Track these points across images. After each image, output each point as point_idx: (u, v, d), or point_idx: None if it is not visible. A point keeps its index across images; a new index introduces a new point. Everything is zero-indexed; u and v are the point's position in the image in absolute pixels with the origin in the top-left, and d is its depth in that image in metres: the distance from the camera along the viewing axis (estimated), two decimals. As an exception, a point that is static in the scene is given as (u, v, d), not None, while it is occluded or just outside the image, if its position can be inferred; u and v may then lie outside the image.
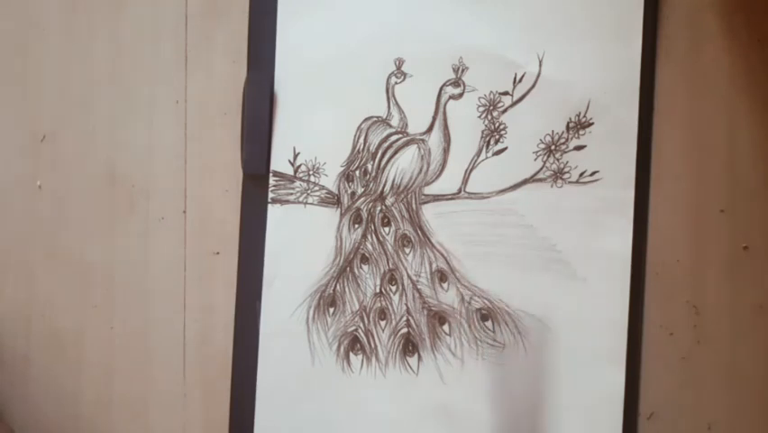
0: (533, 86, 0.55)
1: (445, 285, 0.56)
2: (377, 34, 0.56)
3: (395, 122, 0.56)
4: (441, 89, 0.56)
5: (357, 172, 0.57)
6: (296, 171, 0.57)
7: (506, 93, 0.55)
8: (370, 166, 0.57)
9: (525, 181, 0.55)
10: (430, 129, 0.56)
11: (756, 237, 0.55)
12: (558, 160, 0.55)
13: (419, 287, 0.56)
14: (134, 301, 0.59)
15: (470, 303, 0.56)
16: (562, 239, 0.55)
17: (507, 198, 0.55)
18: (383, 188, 0.57)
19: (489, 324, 0.56)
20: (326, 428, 0.57)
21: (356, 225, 0.57)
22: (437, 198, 0.56)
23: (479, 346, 0.56)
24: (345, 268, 0.57)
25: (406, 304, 0.56)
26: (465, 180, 0.56)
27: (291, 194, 0.57)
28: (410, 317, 0.56)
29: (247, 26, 0.57)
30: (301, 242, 0.57)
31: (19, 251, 0.60)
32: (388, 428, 0.56)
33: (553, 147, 0.55)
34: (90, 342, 0.60)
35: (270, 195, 0.57)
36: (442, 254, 0.56)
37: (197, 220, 0.59)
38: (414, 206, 0.56)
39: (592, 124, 0.55)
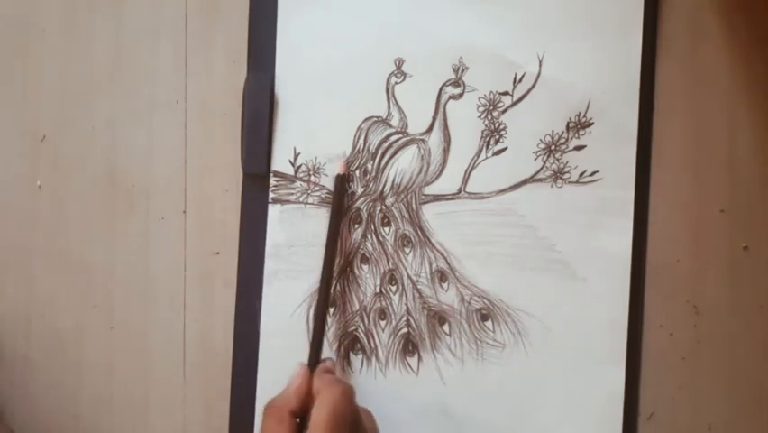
0: (533, 86, 0.55)
1: (445, 285, 0.56)
2: (377, 34, 0.56)
3: (395, 122, 0.56)
4: (441, 89, 0.56)
5: (357, 172, 0.57)
6: (296, 171, 0.57)
7: (506, 93, 0.55)
8: (370, 166, 0.57)
9: (525, 181, 0.55)
10: (430, 129, 0.56)
11: (756, 237, 0.55)
12: (558, 160, 0.55)
13: (419, 287, 0.56)
14: (134, 301, 0.59)
15: (470, 303, 0.56)
16: (562, 239, 0.55)
17: (507, 197, 0.55)
18: (383, 188, 0.57)
19: (489, 324, 0.56)
20: (326, 428, 0.57)
21: (356, 225, 0.57)
22: (437, 198, 0.56)
23: (479, 346, 0.56)
24: (345, 268, 0.57)
25: (406, 304, 0.56)
26: (465, 180, 0.56)
27: (292, 194, 0.57)
28: (410, 317, 0.56)
29: (247, 26, 0.57)
30: (301, 242, 0.57)
31: (19, 251, 0.60)
32: (388, 427, 0.56)
33: (553, 147, 0.55)
34: (90, 342, 0.60)
35: (271, 195, 0.57)
36: (442, 254, 0.56)
37: (197, 220, 0.59)
38: (414, 206, 0.56)
39: (592, 124, 0.55)
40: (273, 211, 0.57)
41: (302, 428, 0.47)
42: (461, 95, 0.56)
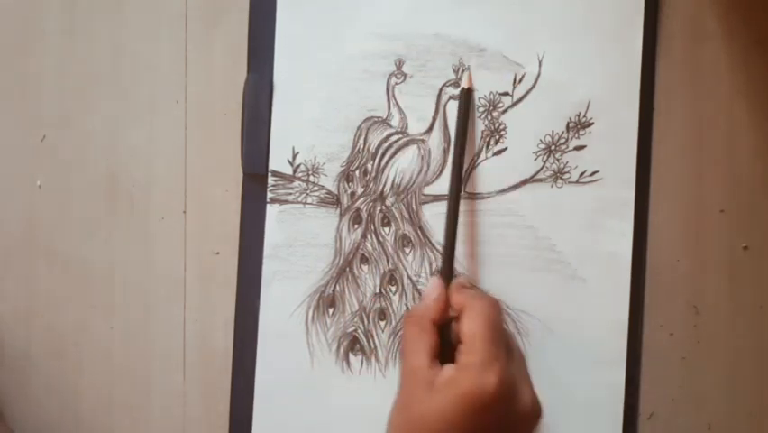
0: (533, 86, 0.55)
1: (445, 285, 0.56)
2: (377, 35, 0.56)
3: (395, 122, 0.56)
4: (441, 89, 0.56)
5: (357, 172, 0.57)
6: (295, 171, 0.57)
7: (506, 93, 0.55)
8: (369, 166, 0.57)
9: (525, 181, 0.55)
10: (430, 129, 0.56)
11: (756, 237, 0.55)
12: (558, 160, 0.55)
13: (419, 287, 0.56)
14: (134, 301, 0.59)
15: (470, 303, 0.56)
16: (562, 239, 0.55)
17: (507, 197, 0.55)
18: (383, 188, 0.57)
19: (488, 324, 0.56)
20: (326, 429, 0.57)
21: (356, 226, 0.57)
22: (437, 198, 0.56)
23: (478, 346, 0.56)
24: (345, 268, 0.57)
25: (406, 304, 0.56)
26: (465, 180, 0.56)
27: (290, 194, 0.57)
28: (410, 318, 0.56)
29: (247, 26, 0.57)
30: (300, 242, 0.57)
31: (19, 251, 0.60)
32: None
33: (553, 147, 0.55)
34: (90, 342, 0.60)
35: (269, 195, 0.57)
36: (442, 255, 0.56)
37: (197, 220, 0.59)
38: (414, 206, 0.56)
39: (592, 124, 0.55)
40: (271, 211, 0.57)
41: (443, 339, 0.45)
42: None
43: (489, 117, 0.56)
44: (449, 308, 0.46)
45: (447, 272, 0.50)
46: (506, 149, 0.56)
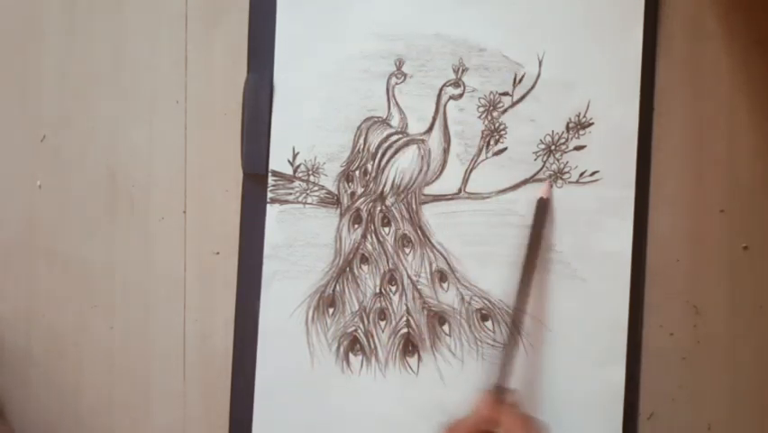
0: (533, 86, 0.55)
1: (445, 285, 0.56)
2: (377, 35, 0.56)
3: (395, 122, 0.56)
4: (441, 90, 0.56)
5: (357, 172, 0.57)
6: (295, 171, 0.57)
7: (506, 93, 0.55)
8: (369, 166, 0.57)
9: (525, 181, 0.55)
10: (430, 129, 0.56)
11: (756, 237, 0.55)
12: (558, 160, 0.55)
13: (419, 287, 0.56)
14: (134, 301, 0.59)
15: (470, 303, 0.56)
16: (562, 239, 0.55)
17: (507, 197, 0.55)
18: (383, 188, 0.57)
19: (489, 324, 0.56)
20: (326, 429, 0.57)
21: (356, 226, 0.57)
22: (437, 198, 0.56)
23: (479, 346, 0.56)
24: (345, 268, 0.57)
25: (406, 304, 0.56)
26: (465, 180, 0.56)
27: (290, 194, 0.57)
28: (410, 318, 0.56)
29: (247, 26, 0.57)
30: (300, 242, 0.57)
31: (19, 251, 0.60)
32: (388, 428, 0.56)
33: (553, 147, 0.55)
34: (90, 342, 0.60)
35: (269, 195, 0.57)
36: (442, 254, 0.56)
37: (197, 220, 0.59)
38: (414, 206, 0.56)
39: (592, 124, 0.55)
40: (272, 211, 0.57)
41: None
42: (461, 95, 0.56)
43: (489, 117, 0.56)
44: (488, 422, 0.46)
45: (500, 384, 0.51)
46: (506, 149, 0.55)
